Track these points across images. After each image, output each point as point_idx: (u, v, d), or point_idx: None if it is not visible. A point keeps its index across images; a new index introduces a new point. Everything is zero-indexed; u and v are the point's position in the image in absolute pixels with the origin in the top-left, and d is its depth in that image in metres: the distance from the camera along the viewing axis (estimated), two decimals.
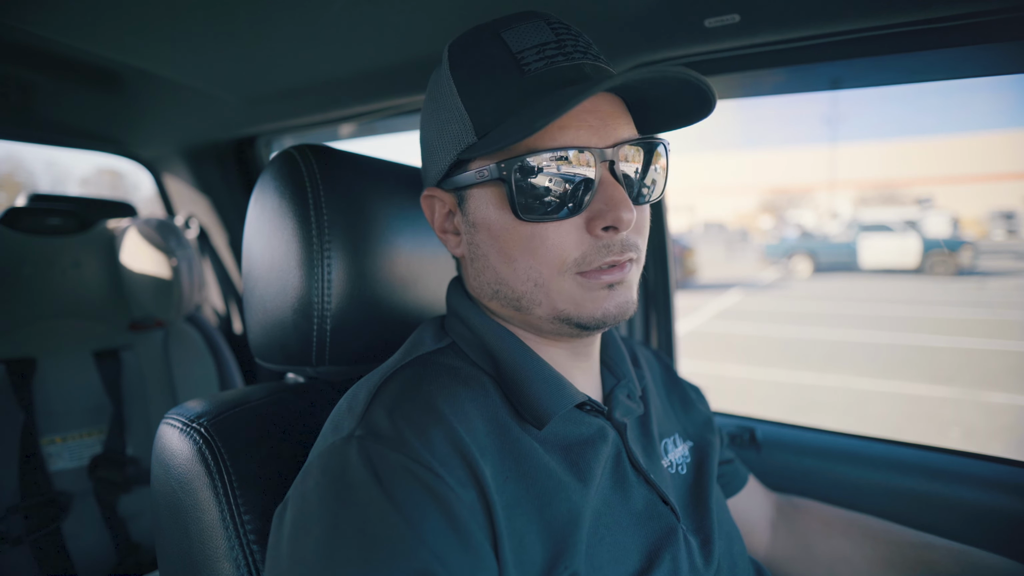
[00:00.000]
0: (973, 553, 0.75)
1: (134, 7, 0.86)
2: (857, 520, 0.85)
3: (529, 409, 0.54)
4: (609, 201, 0.51)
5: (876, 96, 54.62)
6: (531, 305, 0.55)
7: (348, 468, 0.46)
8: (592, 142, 0.51)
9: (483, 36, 0.55)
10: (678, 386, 0.81)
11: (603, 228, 0.51)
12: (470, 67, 0.54)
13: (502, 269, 0.55)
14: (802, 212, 27.32)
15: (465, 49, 0.55)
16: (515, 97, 0.51)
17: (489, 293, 0.58)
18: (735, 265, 16.72)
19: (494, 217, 0.54)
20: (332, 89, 1.25)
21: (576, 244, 0.52)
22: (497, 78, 0.52)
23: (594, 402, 0.59)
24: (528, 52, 0.52)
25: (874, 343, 6.85)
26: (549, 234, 0.52)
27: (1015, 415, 4.36)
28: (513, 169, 0.50)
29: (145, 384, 1.58)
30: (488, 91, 0.53)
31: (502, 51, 0.53)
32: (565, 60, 0.52)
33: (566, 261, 0.52)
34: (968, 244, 12.45)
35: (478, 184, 0.54)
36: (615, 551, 0.52)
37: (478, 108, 0.53)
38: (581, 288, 0.53)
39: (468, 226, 0.57)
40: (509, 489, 0.48)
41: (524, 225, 0.52)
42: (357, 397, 0.53)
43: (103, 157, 1.92)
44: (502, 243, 0.54)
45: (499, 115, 0.52)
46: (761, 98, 1.15)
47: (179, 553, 0.59)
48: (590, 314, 0.53)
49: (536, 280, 0.53)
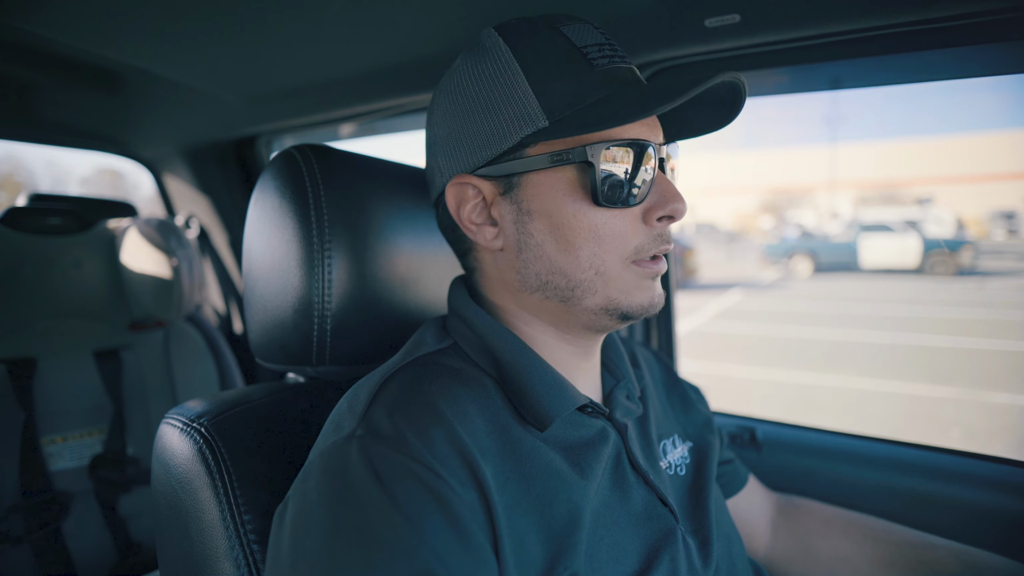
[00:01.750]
0: (973, 553, 0.75)
1: (134, 7, 0.86)
2: (857, 520, 0.85)
3: (531, 411, 0.54)
4: (667, 193, 0.54)
5: (876, 96, 54.62)
6: (585, 295, 0.55)
7: (349, 468, 0.46)
8: (653, 138, 0.55)
9: (539, 27, 0.55)
10: (678, 386, 0.81)
11: (658, 219, 0.54)
12: (534, 51, 0.54)
13: (560, 258, 0.54)
14: (802, 212, 27.32)
15: (523, 35, 0.55)
16: (588, 87, 0.52)
17: (536, 284, 0.56)
18: (733, 265, 16.72)
19: (561, 203, 0.53)
20: (332, 89, 1.25)
21: (635, 233, 0.54)
22: (566, 66, 0.53)
23: (596, 404, 0.59)
24: (591, 48, 0.54)
25: (874, 343, 6.85)
26: (616, 222, 0.53)
27: (1015, 415, 4.36)
28: (600, 154, 0.51)
29: (145, 384, 1.58)
30: (558, 77, 0.53)
31: (566, 43, 0.54)
32: (621, 62, 0.55)
33: (627, 249, 0.54)
34: (968, 244, 12.45)
35: (542, 169, 0.53)
36: (614, 551, 0.52)
37: (548, 92, 0.52)
38: (635, 277, 0.55)
39: (520, 214, 0.55)
40: (510, 489, 0.48)
41: (595, 212, 0.53)
42: (358, 397, 0.53)
43: (103, 157, 1.92)
44: (566, 230, 0.54)
45: (572, 102, 0.52)
46: (761, 98, 1.15)
47: (179, 553, 0.59)
48: (639, 303, 0.55)
49: (598, 268, 0.54)
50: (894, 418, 4.42)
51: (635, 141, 0.52)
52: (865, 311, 8.69)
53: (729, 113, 0.57)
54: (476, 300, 0.63)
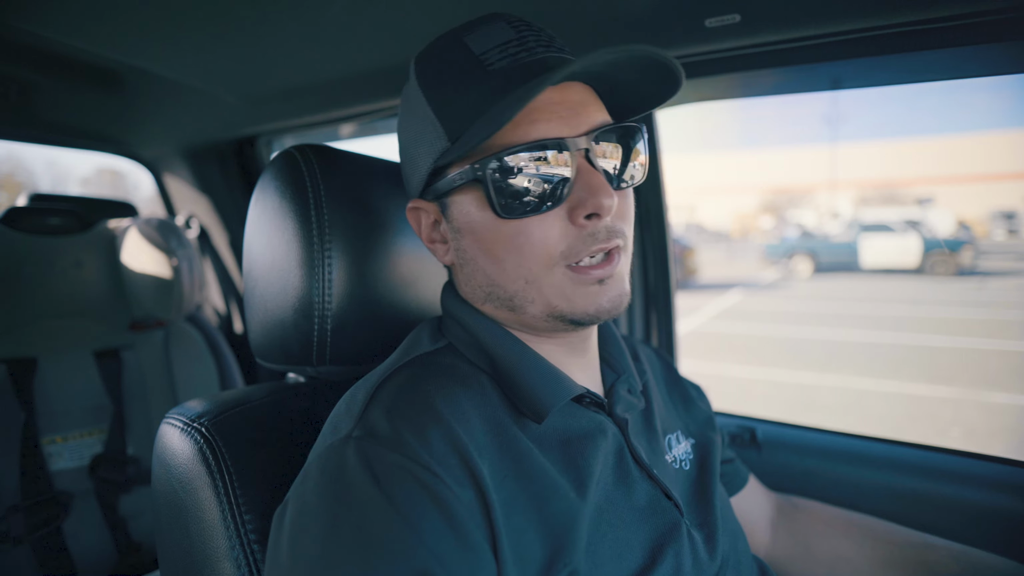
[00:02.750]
0: (973, 553, 0.75)
1: (134, 7, 0.86)
2: (857, 520, 0.85)
3: (527, 403, 0.54)
4: (588, 189, 0.51)
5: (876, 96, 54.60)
6: (524, 303, 0.55)
7: (346, 469, 0.46)
8: (564, 132, 0.51)
9: (446, 43, 0.56)
10: (679, 384, 0.81)
11: (585, 216, 0.51)
12: (435, 74, 0.55)
13: (491, 271, 0.55)
14: (803, 212, 27.31)
15: (429, 58, 0.56)
16: (483, 97, 0.52)
17: (482, 296, 0.58)
18: (733, 265, 16.72)
19: (477, 219, 0.54)
20: (332, 89, 1.25)
21: (561, 236, 0.52)
22: (463, 81, 0.53)
23: (593, 394, 0.59)
24: (491, 52, 0.53)
25: (874, 343, 6.84)
26: (533, 229, 0.52)
27: (1015, 415, 4.36)
28: (488, 168, 0.51)
29: (146, 384, 1.58)
30: (455, 95, 0.53)
31: (466, 55, 0.53)
32: (528, 55, 0.52)
33: (553, 255, 0.52)
34: (968, 244, 12.44)
35: (458, 189, 0.54)
36: (617, 547, 0.52)
37: (448, 113, 0.53)
38: (572, 283, 0.53)
39: (454, 232, 0.57)
40: (508, 487, 0.49)
41: (507, 223, 0.52)
42: (355, 398, 0.53)
43: (103, 157, 1.92)
44: (488, 244, 0.54)
45: (469, 117, 0.52)
46: (761, 98, 1.15)
47: (180, 553, 0.59)
48: (583, 310, 0.53)
49: (526, 277, 0.53)
50: (894, 418, 4.42)
51: (535, 143, 0.50)
52: (865, 311, 8.69)
53: (666, 78, 0.52)
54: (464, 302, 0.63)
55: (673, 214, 1.31)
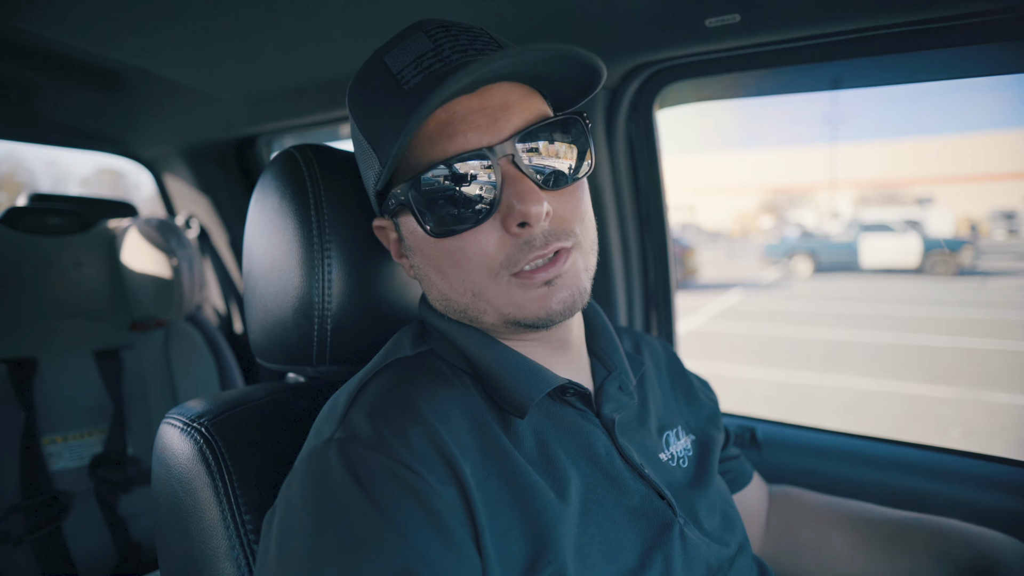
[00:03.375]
0: (940, 522, 0.77)
1: (134, 7, 0.86)
2: (838, 504, 0.85)
3: (508, 399, 0.54)
4: (516, 196, 0.49)
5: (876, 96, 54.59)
6: (478, 314, 0.55)
7: (329, 471, 0.46)
8: (484, 141, 0.49)
9: (369, 66, 0.56)
10: (684, 377, 0.80)
11: (518, 225, 0.50)
12: (362, 100, 0.56)
13: (442, 285, 0.56)
14: (803, 212, 27.31)
15: (358, 84, 0.57)
16: (398, 119, 0.50)
17: (442, 308, 0.59)
18: (733, 265, 16.72)
19: (420, 238, 0.54)
20: (332, 89, 1.25)
21: (498, 247, 0.51)
22: (383, 103, 0.53)
23: (576, 385, 0.58)
24: (407, 70, 0.52)
25: (875, 343, 6.84)
26: (468, 244, 0.51)
27: (1015, 415, 4.36)
28: (409, 192, 0.51)
29: (146, 384, 1.58)
30: (379, 119, 0.53)
31: (385, 76, 0.53)
32: (442, 66, 0.51)
33: (493, 266, 0.52)
34: (969, 244, 12.44)
35: (398, 209, 0.55)
36: (607, 548, 0.52)
37: (376, 137, 0.54)
38: (519, 289, 0.52)
39: (407, 250, 0.58)
40: (491, 486, 0.49)
41: (442, 242, 0.52)
42: (338, 401, 0.54)
43: (104, 157, 1.92)
44: (433, 261, 0.55)
45: (390, 139, 0.51)
46: (761, 98, 1.15)
47: (180, 553, 0.60)
48: (534, 314, 0.53)
49: (473, 290, 0.53)
50: (894, 418, 4.42)
51: (452, 158, 0.49)
52: (865, 311, 8.69)
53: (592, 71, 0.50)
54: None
55: (673, 214, 1.31)
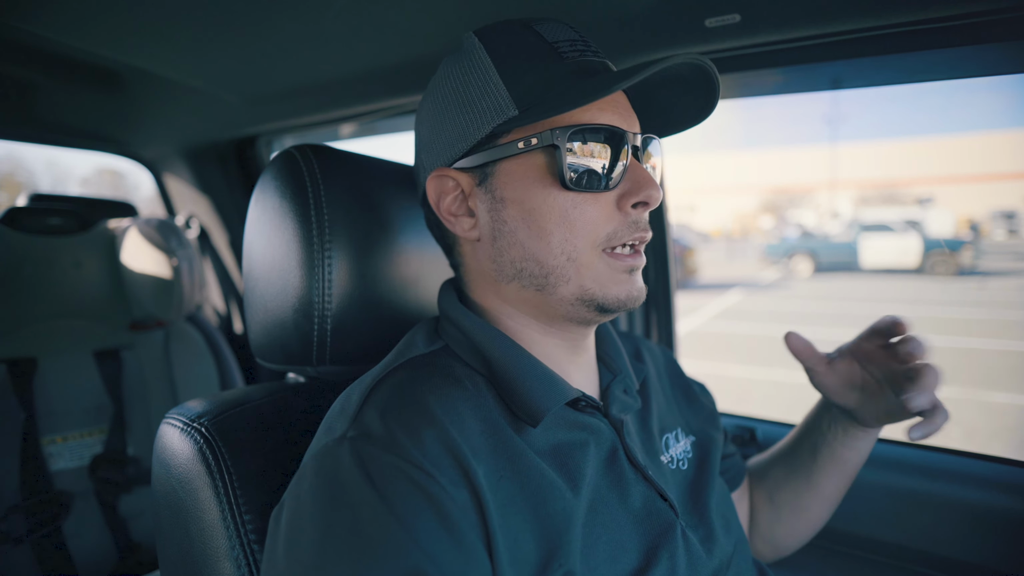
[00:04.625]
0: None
1: (134, 7, 0.86)
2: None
3: (523, 407, 0.54)
4: (639, 180, 0.55)
5: (876, 96, 54.59)
6: (559, 282, 0.55)
7: (340, 469, 0.46)
8: (624, 126, 0.55)
9: (514, 27, 0.58)
10: (682, 380, 0.81)
11: (632, 205, 0.55)
12: (507, 47, 0.57)
13: (533, 244, 0.55)
14: (803, 212, 27.33)
15: (498, 34, 0.58)
16: (557, 77, 0.54)
17: (511, 273, 0.57)
18: (733, 265, 16.72)
19: (531, 189, 0.55)
20: (332, 89, 1.25)
21: (608, 219, 0.55)
22: (537, 60, 0.55)
23: (589, 398, 0.59)
24: (562, 43, 0.56)
25: None
26: (588, 207, 0.54)
27: (1015, 415, 4.36)
28: (567, 137, 0.52)
29: (146, 384, 1.58)
30: (529, 69, 0.55)
31: (538, 39, 0.56)
32: (593, 56, 0.57)
33: (599, 235, 0.55)
34: (969, 244, 12.44)
35: (514, 156, 0.55)
36: (612, 549, 0.52)
37: (518, 83, 0.55)
38: (608, 268, 0.55)
39: (494, 202, 0.57)
40: (504, 488, 0.49)
41: (565, 196, 0.54)
42: (350, 399, 0.53)
43: (104, 157, 1.92)
44: (537, 216, 0.55)
45: (542, 92, 0.54)
46: (761, 98, 1.15)
47: (180, 553, 0.59)
48: (615, 295, 0.55)
49: (570, 254, 0.54)
50: None
51: (604, 127, 0.53)
52: (865, 311, 8.69)
53: (707, 100, 0.58)
54: (464, 302, 0.63)
55: (672, 214, 1.31)
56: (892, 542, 0.99)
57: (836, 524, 0.93)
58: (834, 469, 0.78)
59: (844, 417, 0.77)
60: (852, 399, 0.75)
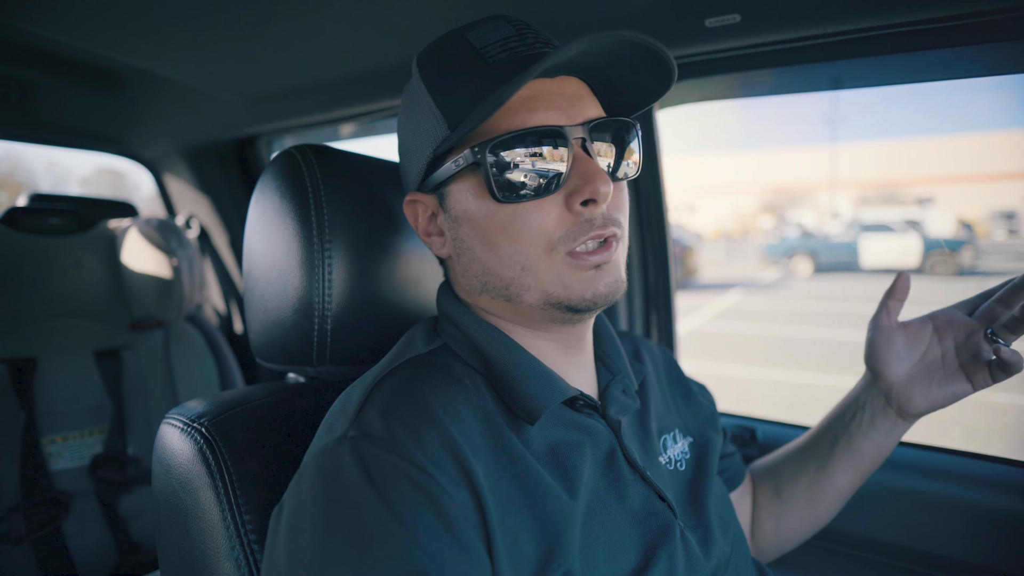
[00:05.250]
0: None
1: (134, 7, 0.86)
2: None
3: (520, 404, 0.54)
4: (585, 175, 0.52)
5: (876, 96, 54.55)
6: (520, 291, 0.55)
7: (341, 469, 0.46)
8: (562, 121, 0.52)
9: (448, 40, 0.58)
10: (681, 381, 0.81)
11: (582, 203, 0.52)
12: (437, 66, 0.57)
13: (488, 258, 0.55)
14: (803, 212, 27.34)
15: (432, 53, 0.58)
16: (482, 86, 0.53)
17: (478, 287, 0.58)
18: (733, 265, 16.72)
19: (475, 206, 0.54)
20: (332, 89, 1.25)
21: (558, 222, 0.53)
22: (463, 71, 0.54)
23: (587, 397, 0.59)
24: (491, 46, 0.55)
25: None
26: (530, 215, 0.52)
27: (1015, 415, 4.36)
28: (487, 151, 0.51)
29: (146, 384, 1.58)
30: (456, 84, 0.55)
31: (467, 48, 0.55)
32: (527, 50, 0.54)
33: (551, 240, 0.53)
34: (968, 244, 12.44)
35: (456, 176, 0.55)
36: (610, 549, 0.52)
37: (448, 102, 0.55)
38: (570, 268, 0.53)
39: (451, 222, 0.58)
40: (503, 488, 0.49)
41: (504, 208, 0.53)
42: (350, 398, 0.54)
43: (104, 157, 1.92)
44: (485, 231, 0.54)
45: (469, 105, 0.53)
46: (761, 98, 1.15)
47: (180, 553, 0.59)
48: (580, 295, 0.53)
49: (523, 264, 0.53)
50: None
51: (530, 130, 0.51)
52: (866, 311, 8.65)
53: (663, 71, 0.53)
54: (459, 302, 0.63)
55: (672, 214, 1.31)
56: (892, 542, 0.99)
57: (836, 524, 0.93)
58: (849, 463, 0.77)
59: (879, 402, 0.75)
60: (902, 371, 0.73)
